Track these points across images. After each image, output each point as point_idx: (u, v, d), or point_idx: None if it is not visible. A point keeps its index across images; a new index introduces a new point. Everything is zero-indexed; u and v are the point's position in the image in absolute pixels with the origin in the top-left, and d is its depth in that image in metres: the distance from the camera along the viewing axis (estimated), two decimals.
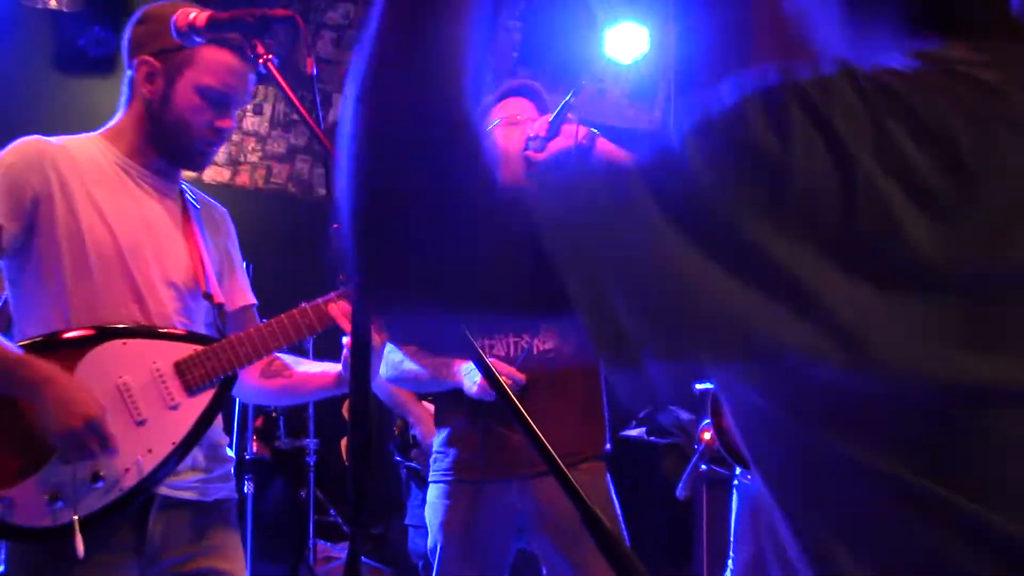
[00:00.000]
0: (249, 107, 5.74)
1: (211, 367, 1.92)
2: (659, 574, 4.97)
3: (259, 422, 5.20)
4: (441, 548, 2.63)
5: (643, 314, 0.65)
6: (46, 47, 5.09)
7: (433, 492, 2.70)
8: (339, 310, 1.97)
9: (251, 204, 5.74)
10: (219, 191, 5.85)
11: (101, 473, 1.81)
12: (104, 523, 1.83)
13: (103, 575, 1.86)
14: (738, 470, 3.35)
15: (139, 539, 1.91)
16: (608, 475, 2.72)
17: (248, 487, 4.04)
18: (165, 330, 1.95)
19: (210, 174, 5.67)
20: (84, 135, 2.04)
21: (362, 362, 1.22)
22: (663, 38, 5.91)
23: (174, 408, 1.90)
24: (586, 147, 2.64)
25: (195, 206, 2.11)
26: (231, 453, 2.17)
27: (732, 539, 3.37)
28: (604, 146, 2.67)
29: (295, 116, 1.49)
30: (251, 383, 2.17)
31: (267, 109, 5.74)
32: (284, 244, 5.38)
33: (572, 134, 2.64)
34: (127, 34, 2.01)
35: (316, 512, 5.30)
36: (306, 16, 5.66)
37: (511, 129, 2.72)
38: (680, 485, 3.80)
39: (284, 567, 4.46)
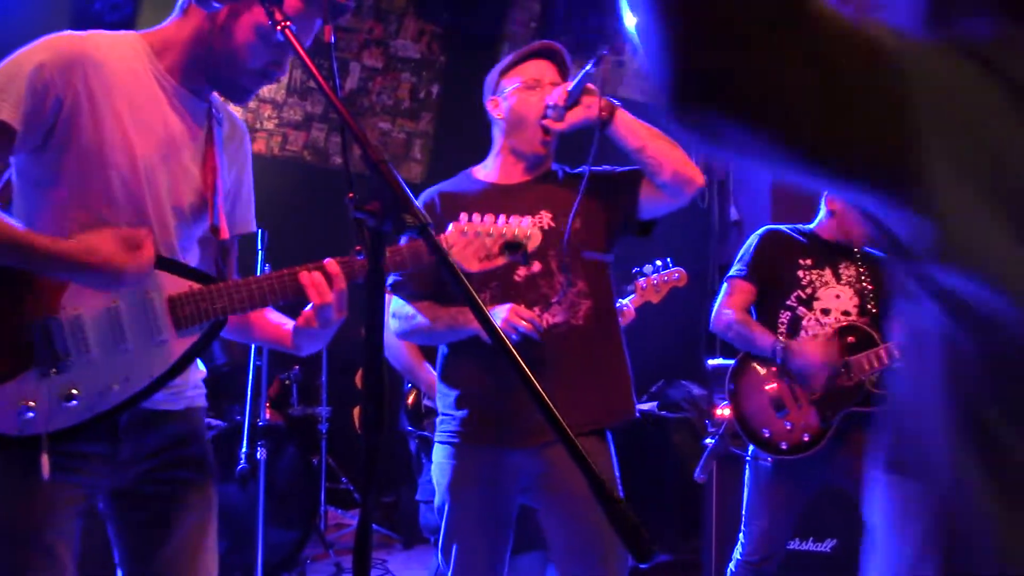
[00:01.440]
0: None
1: (204, 308, 1.90)
2: (667, 547, 5.00)
3: (273, 390, 5.23)
4: (449, 508, 2.65)
5: None
6: (61, 14, 5.09)
7: (441, 453, 2.69)
8: (309, 279, 1.94)
9: (267, 171, 5.74)
10: None
11: (75, 393, 1.81)
12: (71, 439, 1.83)
13: (73, 483, 1.87)
14: (751, 448, 3.35)
15: (111, 445, 1.92)
16: (610, 443, 2.72)
17: (261, 453, 4.06)
18: (167, 259, 1.92)
19: None
20: (128, 33, 1.99)
21: (375, 331, 1.22)
22: None
23: (160, 343, 1.88)
24: (606, 119, 2.59)
25: (219, 128, 2.07)
26: (201, 366, 2.15)
27: (744, 514, 3.37)
28: (624, 118, 2.62)
29: (312, 84, 1.47)
30: None
31: (283, 76, 5.74)
32: (299, 212, 5.39)
33: (592, 104, 2.59)
34: None
35: (328, 479, 5.34)
36: None
37: (530, 93, 2.68)
38: (698, 468, 3.79)
39: (296, 533, 4.51)
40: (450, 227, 2.19)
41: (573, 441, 1.06)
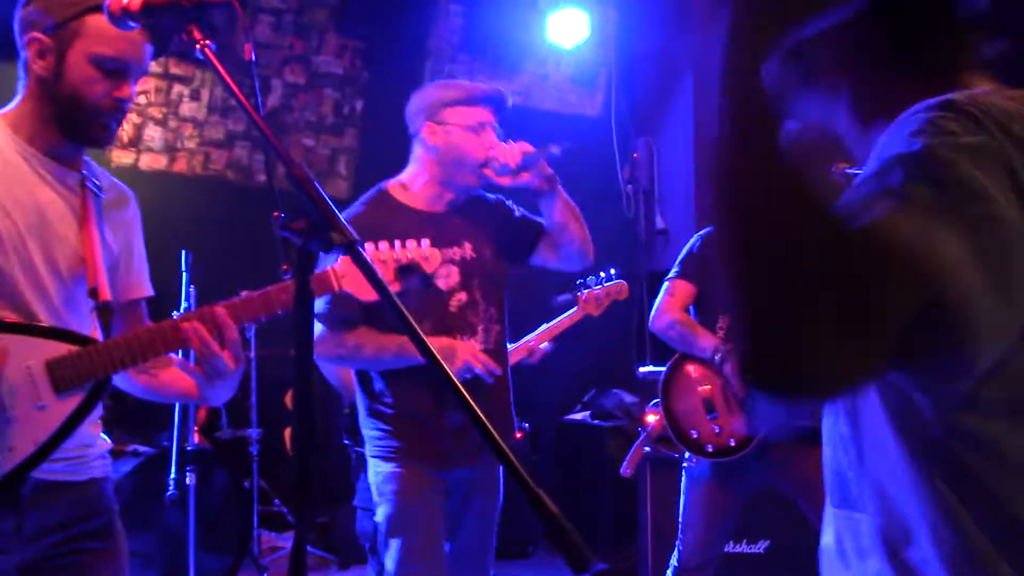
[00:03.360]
0: (186, 92, 5.65)
1: (83, 369, 1.87)
2: (603, 555, 5.02)
3: (201, 414, 5.14)
4: (393, 508, 2.71)
5: None
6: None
7: (384, 468, 2.75)
8: (191, 329, 1.90)
9: (189, 191, 5.66)
10: (156, 178, 5.76)
11: None
12: None
13: None
14: (687, 453, 3.39)
15: (15, 520, 1.88)
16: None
17: (190, 478, 3.99)
18: (42, 326, 1.89)
19: (147, 161, 5.58)
20: None
21: (305, 350, 1.21)
22: (604, 23, 5.93)
23: (41, 408, 1.84)
24: (547, 192, 2.79)
25: (97, 192, 2.05)
26: (105, 438, 2.12)
27: (680, 521, 3.40)
28: (561, 195, 2.84)
29: (233, 102, 1.46)
30: (123, 375, 2.11)
31: (204, 95, 5.65)
32: (223, 231, 5.32)
33: (541, 178, 2.77)
34: (17, 16, 1.96)
35: (260, 502, 5.26)
36: (243, 0, 5.58)
37: (475, 136, 2.77)
38: (624, 463, 3.83)
39: (228, 558, 4.42)
40: (338, 259, 2.15)
41: (513, 462, 1.06)
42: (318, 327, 2.71)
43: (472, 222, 2.85)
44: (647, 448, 3.87)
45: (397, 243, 2.22)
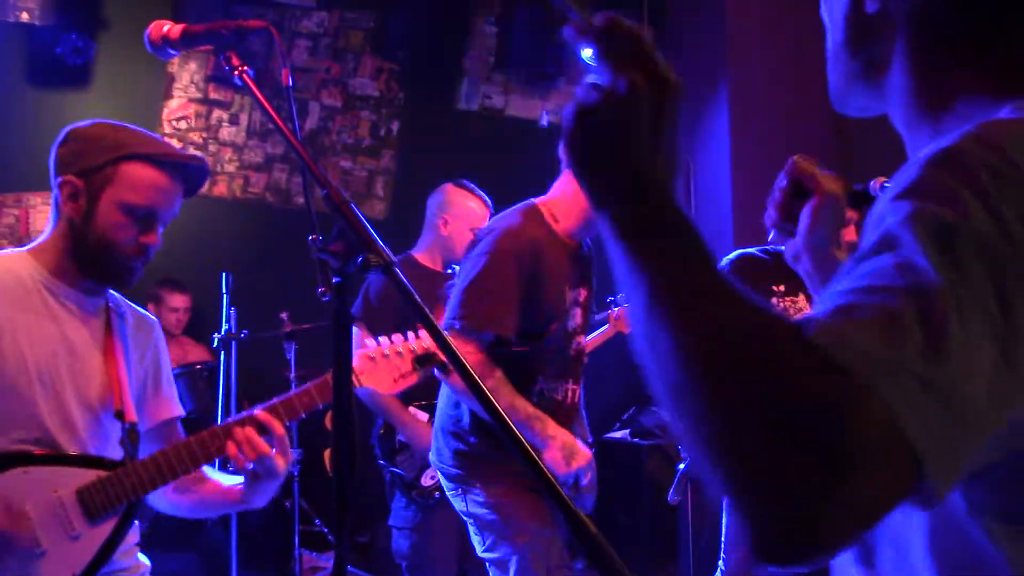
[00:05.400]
0: (225, 117, 5.72)
1: (113, 494, 1.88)
2: (643, 574, 4.98)
3: None
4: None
5: None
6: (20, 61, 5.06)
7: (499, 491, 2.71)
8: (242, 435, 1.91)
9: (229, 214, 5.72)
10: (197, 202, 5.81)
11: None
12: None
13: None
14: None
15: None
16: None
17: None
18: (69, 455, 1.90)
19: None
20: (13, 251, 2.03)
21: (343, 372, 1.22)
22: None
23: (76, 538, 1.85)
24: None
25: (121, 321, 2.08)
26: (143, 560, 2.11)
27: (724, 540, 3.37)
28: None
29: (271, 125, 1.47)
30: (164, 497, 2.12)
31: (243, 119, 5.72)
32: (262, 254, 5.37)
33: None
34: (52, 154, 1.99)
35: (301, 522, 5.27)
36: (280, 25, 5.65)
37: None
38: (672, 490, 3.80)
39: None
40: (355, 357, 2.15)
41: (554, 483, 1.06)
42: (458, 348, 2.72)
43: (590, 268, 2.82)
44: (685, 465, 3.83)
45: (411, 335, 2.20)
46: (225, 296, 4.17)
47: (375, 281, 3.41)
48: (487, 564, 2.73)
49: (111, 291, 2.09)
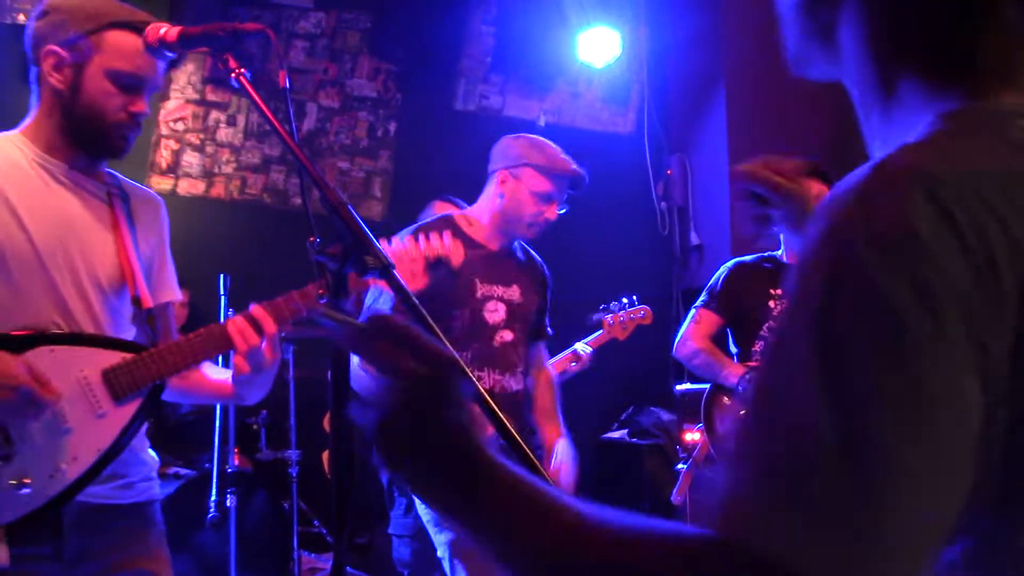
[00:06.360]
0: (223, 118, 5.72)
1: (139, 376, 1.91)
2: None
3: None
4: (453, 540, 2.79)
5: None
6: (17, 62, 5.04)
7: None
8: (234, 327, 1.95)
9: (227, 215, 5.72)
10: (195, 203, 5.82)
11: (26, 480, 1.80)
12: (27, 529, 1.82)
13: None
14: None
15: (56, 544, 1.90)
16: None
17: (231, 500, 4.01)
18: (95, 336, 1.93)
19: (185, 187, 5.65)
20: (3, 134, 2.02)
21: (341, 373, 1.22)
22: (635, 41, 5.93)
23: (101, 416, 1.88)
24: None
25: (123, 200, 2.08)
26: (153, 455, 2.15)
27: None
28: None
29: (268, 127, 1.48)
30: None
31: (240, 120, 5.71)
32: (261, 255, 5.36)
33: None
34: (30, 29, 1.99)
35: (300, 523, 5.27)
36: (277, 26, 5.65)
37: (542, 205, 2.92)
38: (675, 491, 3.80)
39: None
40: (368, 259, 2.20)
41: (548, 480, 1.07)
42: None
43: (523, 271, 3.01)
44: (681, 466, 3.84)
45: (421, 237, 2.30)
46: (223, 297, 4.16)
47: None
48: (444, 547, 2.83)
49: (110, 172, 2.10)
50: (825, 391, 0.63)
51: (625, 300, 3.88)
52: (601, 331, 3.86)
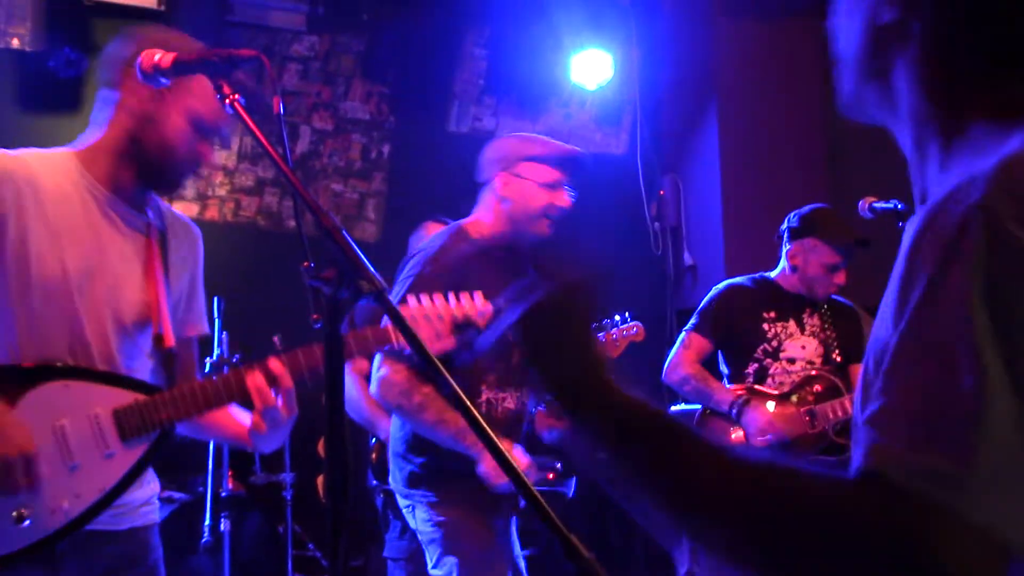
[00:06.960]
0: (216, 140, 5.73)
1: (149, 419, 1.91)
2: None
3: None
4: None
5: None
6: (11, 87, 5.05)
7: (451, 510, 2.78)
8: (253, 383, 1.94)
9: (220, 238, 5.71)
10: None
11: (26, 513, 1.80)
12: (21, 562, 1.81)
13: None
14: None
15: (49, 571, 1.89)
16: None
17: (225, 524, 3.99)
18: (109, 373, 1.92)
19: (179, 209, 5.65)
20: (57, 150, 2.01)
21: (336, 399, 1.22)
22: (627, 63, 5.96)
23: (109, 456, 1.88)
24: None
25: (161, 232, 2.08)
26: (155, 479, 2.15)
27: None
28: None
29: (262, 150, 1.49)
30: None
31: (234, 143, 5.72)
32: (255, 277, 5.35)
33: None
34: (119, 47, 1.99)
35: (294, 547, 5.24)
36: (271, 49, 5.66)
37: (548, 193, 2.84)
38: None
39: None
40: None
41: (545, 507, 1.06)
42: (386, 368, 2.70)
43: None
44: None
45: (452, 297, 2.21)
46: (217, 320, 4.16)
47: (361, 307, 3.42)
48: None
49: (155, 197, 2.10)
50: (984, 350, 0.71)
51: (618, 317, 3.88)
52: None
